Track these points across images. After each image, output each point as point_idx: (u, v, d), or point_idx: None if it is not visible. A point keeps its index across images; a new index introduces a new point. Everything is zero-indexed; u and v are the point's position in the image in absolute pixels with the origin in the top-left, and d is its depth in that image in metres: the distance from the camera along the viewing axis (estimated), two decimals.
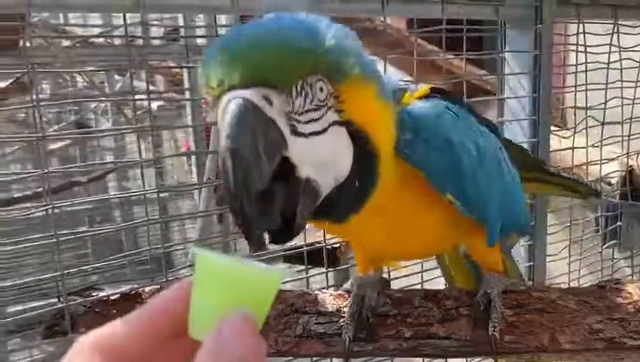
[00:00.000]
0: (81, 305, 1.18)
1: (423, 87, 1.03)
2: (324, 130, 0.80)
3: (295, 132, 0.77)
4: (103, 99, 3.39)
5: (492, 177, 1.06)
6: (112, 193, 4.59)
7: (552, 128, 1.87)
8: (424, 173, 0.94)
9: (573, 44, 1.88)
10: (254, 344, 0.56)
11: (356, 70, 0.83)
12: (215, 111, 0.78)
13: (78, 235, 1.23)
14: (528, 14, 1.70)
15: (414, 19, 1.65)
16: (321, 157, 0.80)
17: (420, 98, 1.00)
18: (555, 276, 2.03)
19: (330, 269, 1.68)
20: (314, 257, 1.62)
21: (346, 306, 1.13)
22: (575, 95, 1.92)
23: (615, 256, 2.30)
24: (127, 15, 1.28)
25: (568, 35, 1.93)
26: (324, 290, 1.21)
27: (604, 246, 2.25)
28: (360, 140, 0.84)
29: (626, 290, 1.13)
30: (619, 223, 2.27)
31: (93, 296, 1.19)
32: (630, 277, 2.30)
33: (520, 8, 1.70)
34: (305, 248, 1.60)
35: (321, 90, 0.80)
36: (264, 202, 0.75)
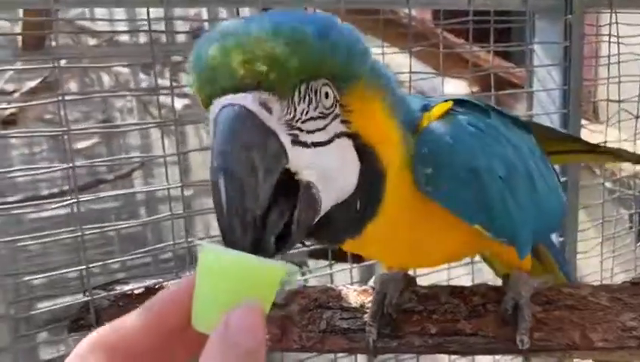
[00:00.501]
0: (105, 298, 1.19)
1: (443, 104, 0.92)
2: (330, 141, 0.72)
3: (296, 141, 0.69)
4: (128, 94, 3.43)
5: (525, 194, 0.96)
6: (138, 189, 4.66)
7: (583, 122, 1.82)
8: (449, 209, 0.88)
9: (606, 35, 1.83)
10: (262, 336, 0.56)
11: (365, 77, 0.76)
12: (206, 115, 0.69)
13: (103, 230, 1.23)
14: (558, 4, 1.65)
15: (440, 10, 1.62)
16: (326, 169, 0.71)
17: (440, 116, 0.90)
18: (587, 274, 1.98)
19: (354, 265, 1.67)
20: (338, 252, 1.60)
21: (369, 302, 1.12)
22: (607, 87, 1.87)
23: None
24: (152, 11, 1.28)
25: (600, 26, 1.87)
26: (347, 286, 1.20)
27: (638, 244, 2.18)
28: (368, 157, 0.77)
29: None
30: None
31: (117, 290, 1.20)
32: None
33: None
34: None
35: (327, 96, 0.71)
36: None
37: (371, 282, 1.18)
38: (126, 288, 1.20)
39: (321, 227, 0.75)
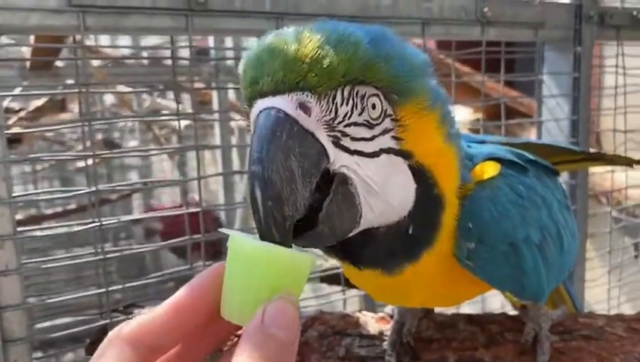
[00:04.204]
0: (123, 321, 1.18)
1: (489, 166, 0.88)
2: (376, 154, 0.69)
3: (338, 145, 0.66)
4: (138, 118, 3.43)
5: (555, 256, 0.94)
6: (138, 211, 4.65)
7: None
8: (483, 279, 0.86)
9: (611, 66, 1.87)
10: (298, 328, 0.57)
11: (423, 94, 0.71)
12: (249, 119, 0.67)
13: (124, 252, 1.24)
14: (567, 36, 1.69)
15: (452, 41, 1.65)
16: (369, 180, 0.68)
17: (485, 181, 0.85)
18: (594, 303, 1.99)
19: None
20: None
21: (388, 330, 1.12)
22: (614, 117, 1.90)
23: None
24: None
25: (605, 57, 1.91)
26: (364, 312, 1.20)
27: None
28: (423, 179, 0.73)
29: None
30: None
31: (134, 312, 1.20)
32: None
33: (559, 30, 1.68)
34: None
35: (374, 106, 0.68)
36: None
37: (388, 310, 1.18)
38: (143, 311, 1.20)
39: (373, 249, 0.74)
